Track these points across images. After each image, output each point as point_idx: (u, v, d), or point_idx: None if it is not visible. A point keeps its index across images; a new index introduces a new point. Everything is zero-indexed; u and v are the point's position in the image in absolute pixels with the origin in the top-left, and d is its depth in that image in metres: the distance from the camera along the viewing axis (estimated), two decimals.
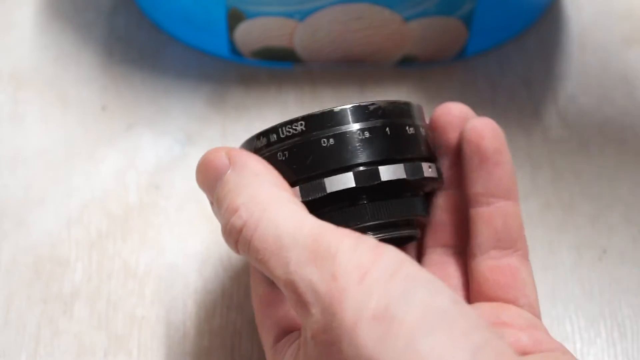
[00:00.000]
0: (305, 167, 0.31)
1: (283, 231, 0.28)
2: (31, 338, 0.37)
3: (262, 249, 0.28)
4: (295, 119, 0.32)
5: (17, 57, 0.48)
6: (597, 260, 0.40)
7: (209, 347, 0.37)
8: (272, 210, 0.29)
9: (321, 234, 0.27)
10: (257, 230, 0.29)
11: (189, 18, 0.47)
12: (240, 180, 0.31)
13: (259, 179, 0.30)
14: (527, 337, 0.31)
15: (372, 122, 0.32)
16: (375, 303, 0.25)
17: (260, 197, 0.30)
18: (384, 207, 0.32)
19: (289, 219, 0.28)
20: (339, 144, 0.31)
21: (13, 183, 0.43)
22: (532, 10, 0.49)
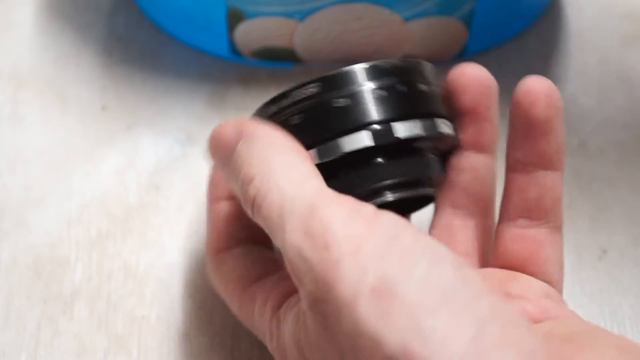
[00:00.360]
0: (320, 129, 0.31)
1: (285, 197, 0.27)
2: (31, 338, 0.37)
3: (267, 217, 0.28)
4: (308, 82, 0.31)
5: (17, 57, 0.48)
6: (597, 260, 0.40)
7: (209, 347, 0.37)
8: (280, 176, 0.28)
9: (317, 201, 0.26)
10: (265, 198, 0.28)
11: (189, 18, 0.47)
12: (252, 150, 0.30)
13: (270, 147, 0.30)
14: (534, 307, 0.29)
15: (386, 80, 0.31)
16: (373, 277, 0.24)
17: (272, 164, 0.29)
18: (401, 166, 0.31)
19: (291, 184, 0.28)
20: (352, 104, 0.30)
21: (13, 183, 0.43)
22: (532, 10, 0.49)
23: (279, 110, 0.32)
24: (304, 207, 0.26)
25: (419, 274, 0.23)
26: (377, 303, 0.23)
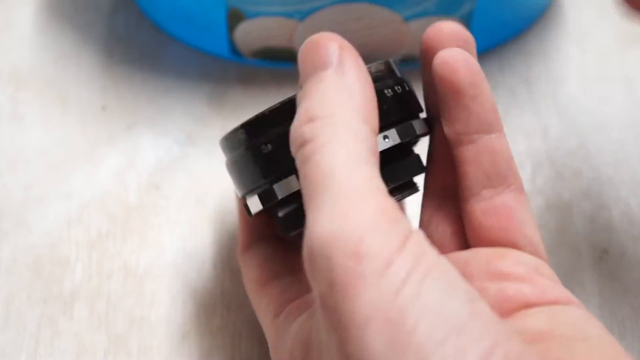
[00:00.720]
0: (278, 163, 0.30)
1: (335, 172, 0.25)
2: (31, 338, 0.37)
3: (309, 177, 0.26)
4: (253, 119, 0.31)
5: (17, 57, 0.48)
6: (597, 260, 0.40)
7: (209, 347, 0.37)
8: (339, 142, 0.26)
9: (363, 196, 0.25)
10: (315, 155, 0.26)
11: (189, 18, 0.47)
12: (333, 88, 0.28)
13: (350, 99, 0.28)
14: (530, 288, 0.29)
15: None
16: (390, 304, 0.23)
17: (339, 119, 0.27)
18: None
19: (346, 161, 0.26)
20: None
21: (13, 183, 0.43)
22: (532, 10, 0.50)
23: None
24: (344, 203, 0.25)
25: (433, 306, 0.23)
26: (388, 332, 0.23)
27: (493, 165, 0.31)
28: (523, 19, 0.49)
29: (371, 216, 0.25)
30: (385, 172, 0.30)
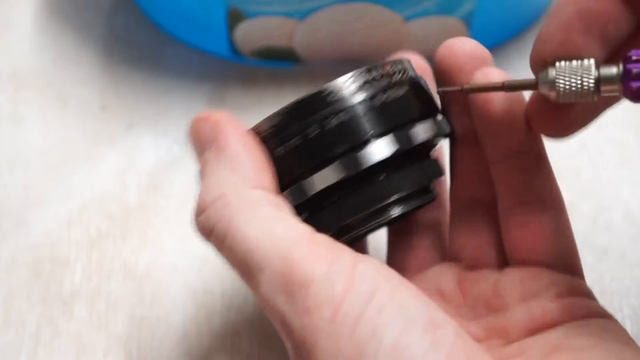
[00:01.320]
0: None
1: (253, 246, 0.26)
2: (31, 338, 0.37)
3: (233, 261, 0.26)
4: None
5: (16, 57, 0.48)
6: (597, 260, 0.40)
7: (209, 348, 0.37)
8: (242, 217, 0.27)
9: (292, 255, 0.25)
10: (225, 240, 0.27)
11: (188, 18, 0.47)
12: (216, 167, 0.28)
13: (234, 171, 0.28)
14: (559, 308, 0.29)
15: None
16: (347, 347, 0.24)
17: (230, 197, 0.27)
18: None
19: (258, 231, 0.26)
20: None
21: (13, 183, 0.43)
22: (532, 10, 0.49)
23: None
24: (279, 262, 0.25)
25: (388, 342, 0.23)
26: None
27: (526, 184, 0.30)
28: (523, 19, 0.49)
29: (308, 268, 0.25)
30: (392, 180, 0.30)
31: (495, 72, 0.29)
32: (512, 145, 0.30)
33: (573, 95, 0.27)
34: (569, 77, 0.26)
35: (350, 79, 0.29)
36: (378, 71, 0.29)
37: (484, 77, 0.29)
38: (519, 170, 0.30)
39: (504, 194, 0.30)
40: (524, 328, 0.29)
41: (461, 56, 0.30)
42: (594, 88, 0.26)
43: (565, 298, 0.29)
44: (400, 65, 0.30)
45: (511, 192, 0.30)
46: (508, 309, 0.30)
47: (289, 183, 0.29)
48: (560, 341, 0.28)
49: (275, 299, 0.25)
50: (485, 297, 0.30)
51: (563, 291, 0.29)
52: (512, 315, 0.29)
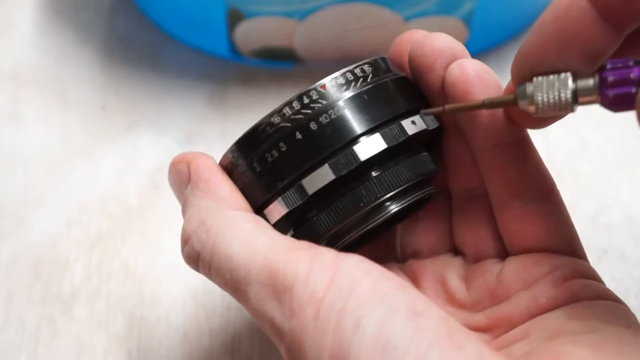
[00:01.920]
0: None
1: (236, 264, 0.27)
2: (30, 338, 0.37)
3: (222, 284, 0.28)
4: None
5: (17, 57, 0.48)
6: (597, 260, 0.40)
7: (209, 348, 0.37)
8: (223, 238, 0.28)
9: (274, 263, 0.26)
10: (212, 264, 0.28)
11: (188, 18, 0.47)
12: (193, 199, 0.30)
13: (210, 198, 0.29)
14: (559, 290, 0.29)
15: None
16: (330, 341, 0.24)
17: (210, 222, 0.28)
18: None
19: (240, 247, 0.27)
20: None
21: (13, 183, 0.43)
22: (532, 10, 0.49)
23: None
24: (262, 271, 0.26)
25: (371, 330, 0.24)
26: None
27: (522, 176, 0.30)
28: (523, 19, 0.49)
29: (290, 272, 0.25)
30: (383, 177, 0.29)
31: (469, 63, 0.29)
32: (497, 137, 0.30)
33: (551, 109, 0.27)
34: (546, 91, 0.27)
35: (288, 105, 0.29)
36: (312, 95, 0.29)
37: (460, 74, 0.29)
38: (508, 162, 0.30)
39: (496, 187, 0.30)
40: (528, 314, 0.29)
41: (432, 54, 0.30)
42: (571, 100, 0.27)
43: (568, 281, 0.29)
44: (376, 65, 0.30)
45: (503, 185, 0.30)
46: (512, 297, 0.30)
47: (261, 207, 0.30)
48: (561, 325, 0.28)
49: (264, 308, 0.26)
50: (489, 288, 0.30)
51: (566, 274, 0.29)
52: (515, 302, 0.29)
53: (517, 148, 0.30)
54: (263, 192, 0.29)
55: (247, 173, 0.29)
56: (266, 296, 0.26)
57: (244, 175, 0.30)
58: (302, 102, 0.29)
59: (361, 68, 0.30)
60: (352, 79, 0.29)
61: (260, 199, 0.29)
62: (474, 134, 0.30)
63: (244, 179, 0.30)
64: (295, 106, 0.29)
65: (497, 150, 0.30)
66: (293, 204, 0.29)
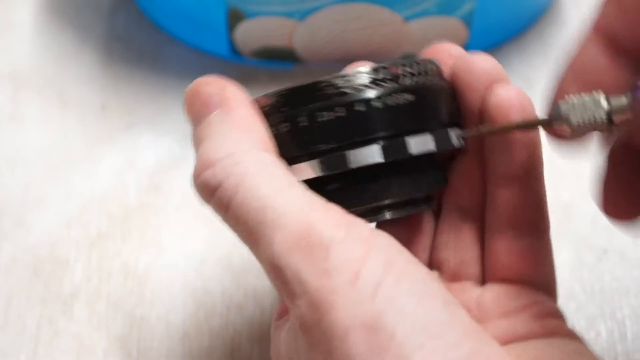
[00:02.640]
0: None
1: (268, 204, 0.25)
2: (30, 338, 0.37)
3: (241, 220, 0.26)
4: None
5: (16, 57, 0.48)
6: (597, 260, 0.40)
7: (209, 347, 0.37)
8: (253, 175, 0.26)
9: (311, 217, 0.25)
10: (235, 197, 0.26)
11: (188, 18, 0.47)
12: (223, 128, 0.28)
13: (243, 134, 0.27)
14: (539, 326, 0.29)
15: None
16: (366, 310, 0.24)
17: (239, 155, 0.27)
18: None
19: (273, 189, 0.26)
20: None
21: (13, 183, 0.43)
22: (532, 10, 0.49)
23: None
24: (297, 221, 0.25)
25: (410, 310, 0.24)
26: (369, 337, 0.23)
27: (526, 211, 0.30)
28: (523, 19, 0.49)
29: (327, 231, 0.25)
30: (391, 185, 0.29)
31: (514, 88, 0.29)
32: (517, 166, 0.29)
33: (587, 130, 0.27)
34: (580, 112, 0.27)
35: (359, 74, 0.28)
36: (385, 72, 0.28)
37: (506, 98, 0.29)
38: (518, 193, 0.30)
39: (497, 214, 0.30)
40: (504, 341, 0.29)
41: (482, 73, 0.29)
42: (606, 119, 0.27)
43: (545, 317, 0.30)
44: (418, 67, 0.29)
45: (505, 214, 0.30)
46: (490, 322, 0.30)
47: (289, 161, 0.28)
48: (540, 354, 0.28)
49: (289, 258, 0.25)
50: (467, 308, 0.30)
51: (544, 310, 0.30)
52: (493, 327, 0.29)
53: (532, 181, 0.30)
54: (299, 147, 0.28)
55: (288, 124, 0.28)
56: (294, 247, 0.25)
57: (282, 124, 0.28)
58: (372, 77, 0.28)
59: (425, 66, 0.29)
60: (418, 72, 0.29)
61: (293, 152, 0.28)
62: (495, 158, 0.30)
63: (282, 127, 0.28)
64: (364, 78, 0.28)
65: (512, 179, 0.30)
66: (330, 170, 0.28)
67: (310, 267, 0.24)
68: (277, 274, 0.25)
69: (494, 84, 0.29)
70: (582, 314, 0.39)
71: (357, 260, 0.24)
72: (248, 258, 0.40)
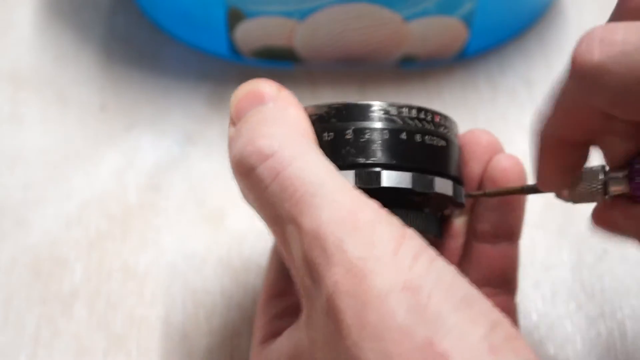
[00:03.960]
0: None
1: (322, 180, 0.27)
2: (30, 338, 0.37)
3: (291, 189, 0.27)
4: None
5: (16, 57, 0.48)
6: (597, 260, 0.40)
7: (208, 347, 0.37)
8: (310, 155, 0.28)
9: (361, 199, 0.27)
10: (289, 167, 0.27)
11: (188, 18, 0.47)
12: (279, 115, 0.30)
13: (298, 125, 0.29)
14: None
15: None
16: (406, 275, 0.25)
17: (297, 138, 0.29)
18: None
19: (328, 171, 0.28)
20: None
21: (13, 183, 0.43)
22: (532, 10, 0.49)
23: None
24: (349, 200, 0.27)
25: (446, 281, 0.25)
26: (408, 298, 0.25)
27: (503, 270, 0.33)
28: (523, 19, 0.49)
29: (373, 212, 0.27)
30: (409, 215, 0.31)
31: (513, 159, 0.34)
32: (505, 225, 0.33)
33: (583, 198, 0.31)
34: (578, 179, 0.30)
35: (403, 108, 0.31)
36: (430, 115, 0.32)
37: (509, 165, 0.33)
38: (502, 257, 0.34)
39: (478, 273, 0.33)
40: None
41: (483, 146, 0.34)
42: (601, 190, 0.30)
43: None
44: (449, 123, 0.33)
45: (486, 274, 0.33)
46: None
47: None
48: None
49: (336, 228, 0.26)
50: None
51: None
52: None
53: (514, 240, 0.34)
54: (339, 157, 0.30)
55: (333, 133, 0.31)
56: (343, 221, 0.26)
57: (327, 133, 0.31)
58: (418, 114, 0.31)
59: (452, 123, 0.33)
60: (446, 125, 0.32)
61: (331, 160, 0.30)
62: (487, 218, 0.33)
63: (325, 136, 0.31)
64: (412, 113, 0.31)
65: (498, 237, 0.33)
66: (363, 183, 0.30)
67: (355, 238, 0.26)
68: (318, 242, 0.26)
69: (497, 153, 0.33)
70: (582, 314, 0.39)
71: (397, 238, 0.26)
72: (248, 258, 0.40)
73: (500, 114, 0.46)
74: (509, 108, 0.46)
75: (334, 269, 0.26)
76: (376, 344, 0.25)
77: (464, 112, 0.46)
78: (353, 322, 0.25)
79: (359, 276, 0.25)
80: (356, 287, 0.25)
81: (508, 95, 0.47)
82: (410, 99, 0.46)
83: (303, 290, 0.27)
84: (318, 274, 0.26)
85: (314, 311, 0.27)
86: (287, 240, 0.28)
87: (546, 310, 0.38)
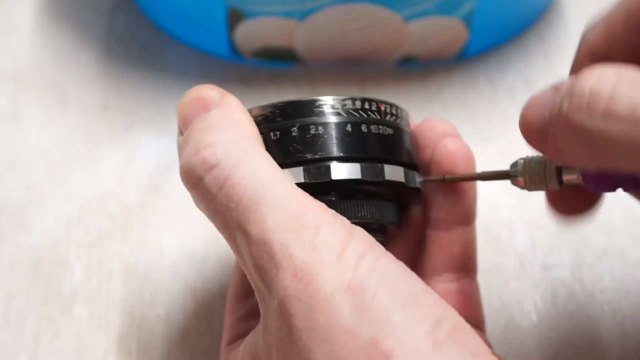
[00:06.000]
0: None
1: (265, 185, 0.27)
2: (30, 339, 0.37)
3: (236, 198, 0.28)
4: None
5: (16, 57, 0.48)
6: (597, 260, 0.40)
7: (208, 347, 0.37)
8: (253, 160, 0.28)
9: (305, 202, 0.27)
10: (233, 175, 0.28)
11: (188, 18, 0.47)
12: (222, 121, 0.30)
13: (242, 129, 0.30)
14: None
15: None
16: (351, 276, 0.26)
17: (241, 144, 0.29)
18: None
19: (272, 175, 0.28)
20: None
21: (13, 183, 0.43)
22: (532, 10, 0.50)
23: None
24: (293, 204, 0.27)
25: (391, 279, 0.26)
26: (352, 298, 0.25)
27: (461, 254, 0.33)
28: (523, 19, 0.49)
29: (318, 214, 0.27)
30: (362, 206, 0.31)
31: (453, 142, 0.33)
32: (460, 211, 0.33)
33: (537, 183, 0.31)
34: (533, 168, 0.31)
35: (346, 100, 0.32)
36: (374, 105, 0.32)
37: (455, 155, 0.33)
38: (460, 242, 0.33)
39: (439, 259, 0.33)
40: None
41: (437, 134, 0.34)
42: (555, 178, 0.30)
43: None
44: (397, 111, 0.33)
45: (446, 259, 0.33)
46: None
47: None
48: None
49: (281, 234, 0.27)
50: None
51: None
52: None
53: (469, 226, 0.34)
54: (287, 154, 0.30)
55: (279, 132, 0.31)
56: (287, 226, 0.27)
57: (272, 132, 0.31)
58: (362, 105, 0.32)
59: (402, 112, 0.33)
60: (393, 113, 0.32)
61: (279, 159, 0.30)
62: (444, 205, 0.33)
63: (271, 136, 0.31)
64: (355, 104, 0.32)
65: (454, 224, 0.33)
66: (313, 178, 0.30)
67: (299, 242, 0.26)
68: (264, 248, 0.27)
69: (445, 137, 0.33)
70: (582, 314, 0.39)
71: (342, 240, 0.27)
72: None
73: (500, 114, 0.46)
74: (508, 107, 0.46)
75: (281, 274, 0.26)
76: (325, 345, 0.25)
77: (463, 112, 0.46)
78: (303, 325, 0.25)
79: (305, 280, 0.26)
80: (304, 291, 0.26)
81: (508, 94, 0.47)
82: (410, 99, 0.46)
83: (258, 295, 0.28)
84: (269, 279, 0.27)
85: (269, 315, 0.27)
86: (239, 248, 0.28)
87: (546, 310, 0.38)
